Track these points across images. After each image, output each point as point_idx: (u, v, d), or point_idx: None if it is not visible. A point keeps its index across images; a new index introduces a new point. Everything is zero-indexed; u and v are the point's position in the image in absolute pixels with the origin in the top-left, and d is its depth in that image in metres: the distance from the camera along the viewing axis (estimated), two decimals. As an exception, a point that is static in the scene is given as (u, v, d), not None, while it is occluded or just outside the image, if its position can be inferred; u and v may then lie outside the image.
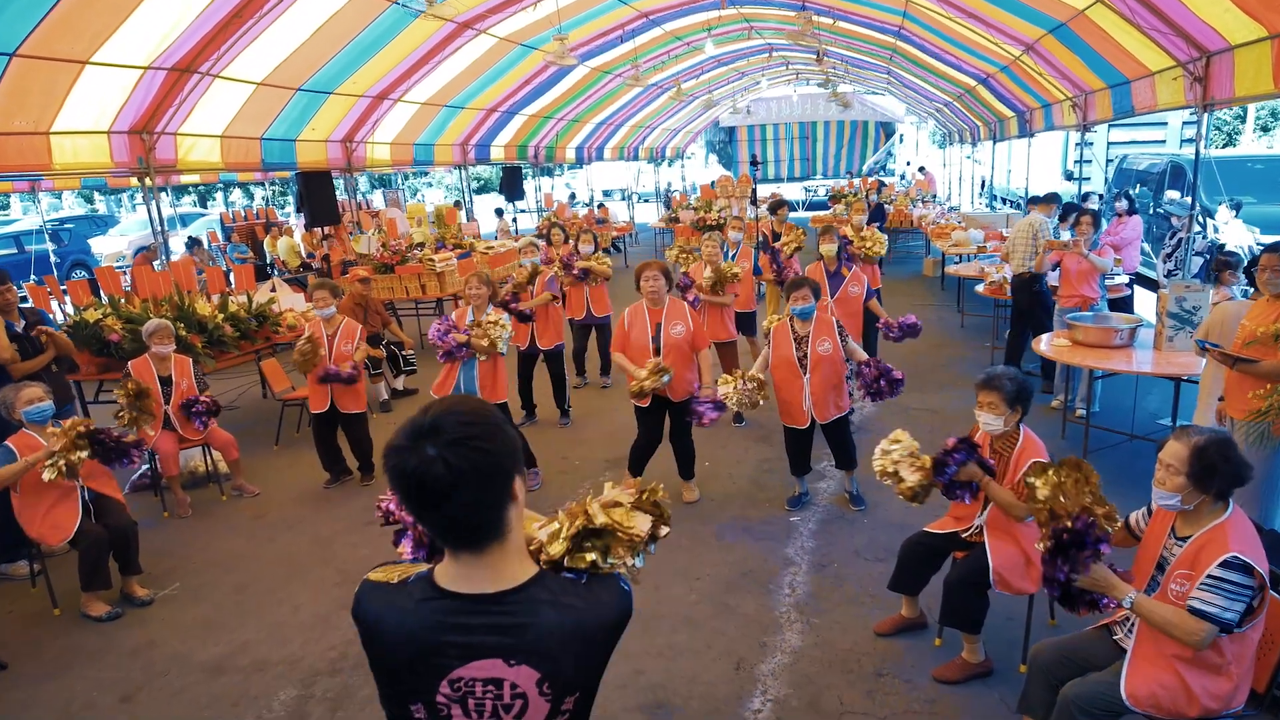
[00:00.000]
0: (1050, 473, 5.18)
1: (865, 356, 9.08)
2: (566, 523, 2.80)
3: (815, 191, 45.26)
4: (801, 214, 40.61)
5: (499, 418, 2.43)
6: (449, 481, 2.28)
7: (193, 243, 25.87)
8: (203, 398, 10.47)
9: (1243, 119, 52.85)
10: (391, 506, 4.19)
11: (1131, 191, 21.80)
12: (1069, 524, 4.74)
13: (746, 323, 13.31)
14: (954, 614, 6.27)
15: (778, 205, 16.62)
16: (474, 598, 2.42)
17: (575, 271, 13.54)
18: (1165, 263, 15.14)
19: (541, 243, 14.90)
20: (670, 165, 54.18)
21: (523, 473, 2.48)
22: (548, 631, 2.42)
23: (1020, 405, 6.16)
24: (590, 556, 2.72)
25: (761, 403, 9.00)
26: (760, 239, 15.70)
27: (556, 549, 2.71)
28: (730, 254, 13.47)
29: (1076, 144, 21.17)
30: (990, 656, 6.34)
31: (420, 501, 2.33)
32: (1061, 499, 4.97)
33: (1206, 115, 12.40)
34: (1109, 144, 29.34)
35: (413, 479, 2.30)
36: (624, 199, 48.63)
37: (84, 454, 7.94)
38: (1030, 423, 6.34)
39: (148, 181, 14.33)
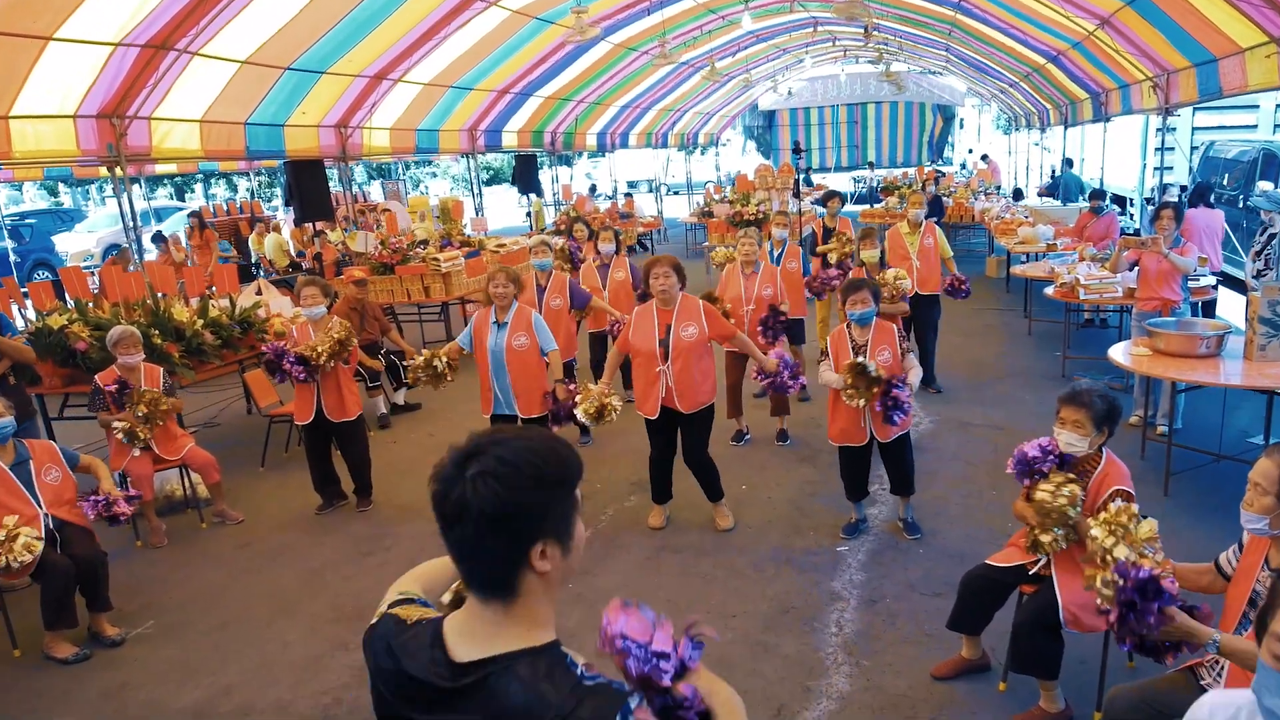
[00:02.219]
0: (1105, 515, 5.18)
1: (920, 372, 9.03)
2: None
3: (865, 182, 45.07)
4: (850, 208, 40.50)
5: (554, 473, 2.43)
6: (458, 509, 2.36)
7: (158, 238, 25.90)
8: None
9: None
10: None
11: (1222, 182, 21.74)
12: (1126, 579, 4.69)
13: (794, 330, 13.30)
14: (1025, 659, 6.21)
15: (828, 197, 16.57)
16: (462, 666, 2.42)
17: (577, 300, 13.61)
18: (1254, 261, 15.08)
19: (556, 241, 14.86)
20: (703, 154, 54.14)
21: (556, 545, 2.46)
22: (502, 713, 2.36)
23: (1108, 427, 6.10)
24: None
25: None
26: (806, 234, 15.67)
27: None
28: (776, 254, 13.43)
29: (1158, 129, 21.07)
30: (1070, 704, 6.31)
31: (438, 512, 2.42)
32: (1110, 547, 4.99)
33: (1304, 97, 12.34)
34: (1194, 129, 29.23)
35: (438, 489, 2.42)
36: (651, 191, 48.62)
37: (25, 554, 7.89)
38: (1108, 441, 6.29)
39: (118, 171, 14.40)
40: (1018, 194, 32.87)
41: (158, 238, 26.16)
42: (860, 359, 8.72)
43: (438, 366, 10.09)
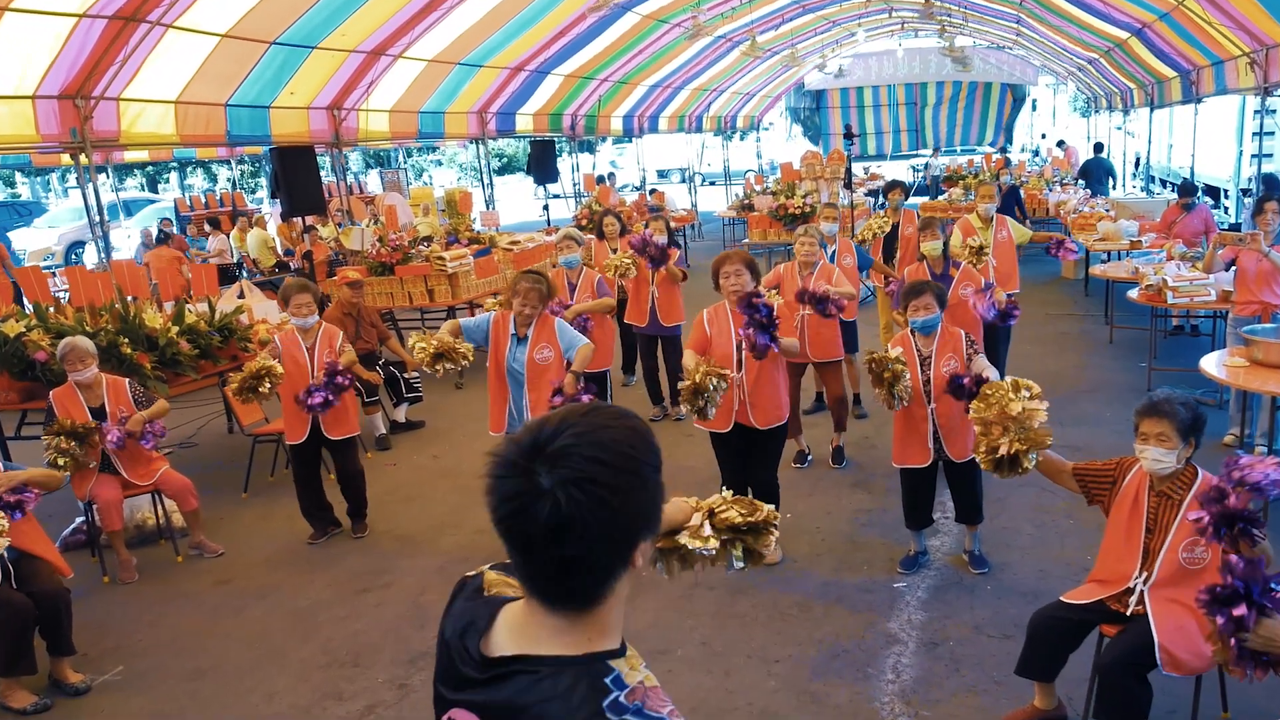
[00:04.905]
0: None
1: (994, 374, 8.93)
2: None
3: (926, 172, 44.81)
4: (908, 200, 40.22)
5: (649, 460, 2.40)
6: (552, 527, 2.22)
7: (163, 236, 25.95)
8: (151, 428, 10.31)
9: None
10: None
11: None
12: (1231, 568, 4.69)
13: (846, 335, 13.17)
14: (1113, 705, 6.12)
15: (889, 188, 16.57)
16: (490, 661, 2.42)
17: (652, 250, 13.36)
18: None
19: (585, 237, 14.77)
20: (743, 139, 54.11)
21: (651, 536, 2.44)
22: (507, 715, 2.38)
23: (1194, 438, 6.06)
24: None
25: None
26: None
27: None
28: (830, 251, 13.35)
29: (1255, 111, 20.99)
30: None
31: (511, 536, 2.30)
32: None
33: None
34: (1295, 112, 29.18)
35: (509, 508, 2.27)
36: (684, 181, 48.57)
37: None
38: (1196, 460, 6.26)
39: (83, 159, 14.43)
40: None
41: (163, 235, 26.14)
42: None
43: (456, 349, 9.75)
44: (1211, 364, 10.52)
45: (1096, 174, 30.37)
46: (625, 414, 2.44)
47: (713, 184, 52.75)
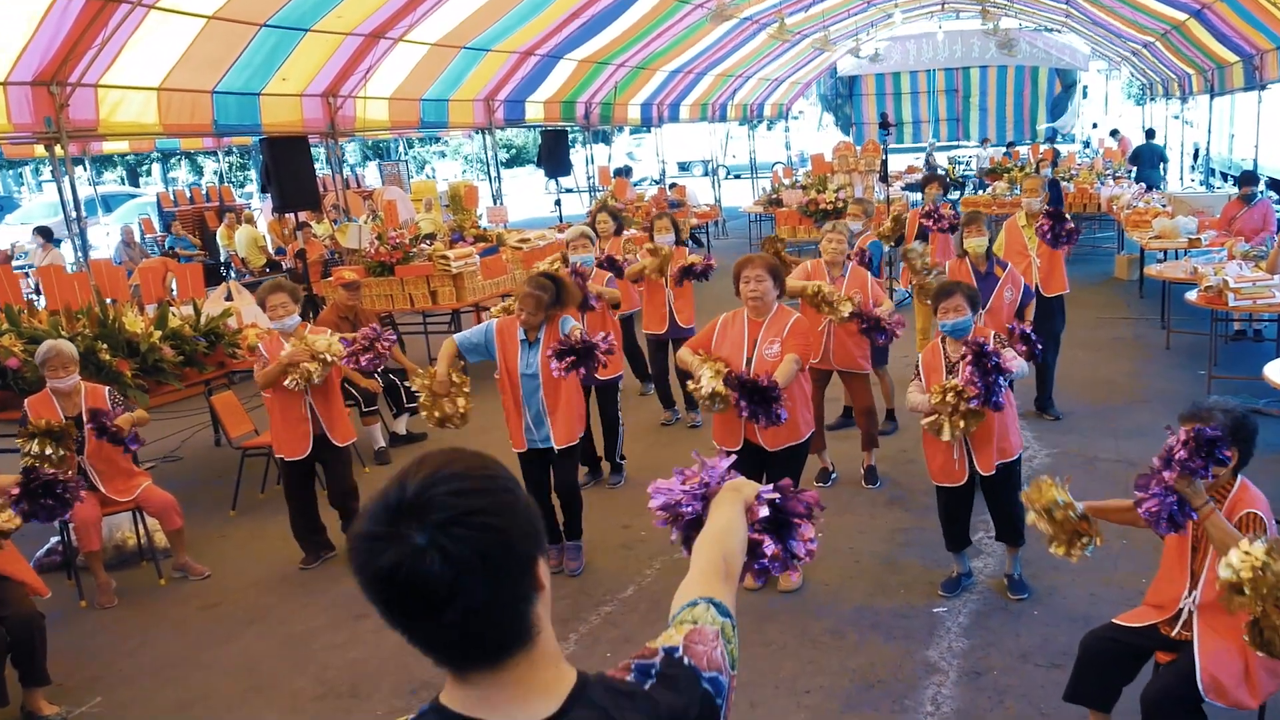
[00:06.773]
0: (1260, 551, 5.11)
1: (1022, 365, 8.82)
2: None
3: (968, 164, 44.60)
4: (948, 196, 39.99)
5: (507, 478, 2.35)
6: (448, 581, 2.17)
7: (45, 233, 25.83)
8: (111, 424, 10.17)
9: None
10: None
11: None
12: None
13: (876, 348, 13.07)
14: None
15: (927, 181, 16.54)
16: None
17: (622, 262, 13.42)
18: None
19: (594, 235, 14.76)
20: (770, 129, 54.05)
21: (545, 551, 2.41)
22: None
23: (1237, 447, 6.04)
24: None
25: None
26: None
27: None
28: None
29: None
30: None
31: (407, 611, 2.24)
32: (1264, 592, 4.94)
33: None
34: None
35: (393, 581, 2.20)
36: (707, 174, 48.53)
37: None
38: (1259, 474, 6.22)
39: (59, 150, 14.41)
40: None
41: (44, 232, 25.92)
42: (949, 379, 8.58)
43: (457, 413, 9.79)
44: (1276, 371, 10.47)
45: (1148, 160, 30.50)
46: (458, 448, 2.39)
47: (738, 177, 52.54)
